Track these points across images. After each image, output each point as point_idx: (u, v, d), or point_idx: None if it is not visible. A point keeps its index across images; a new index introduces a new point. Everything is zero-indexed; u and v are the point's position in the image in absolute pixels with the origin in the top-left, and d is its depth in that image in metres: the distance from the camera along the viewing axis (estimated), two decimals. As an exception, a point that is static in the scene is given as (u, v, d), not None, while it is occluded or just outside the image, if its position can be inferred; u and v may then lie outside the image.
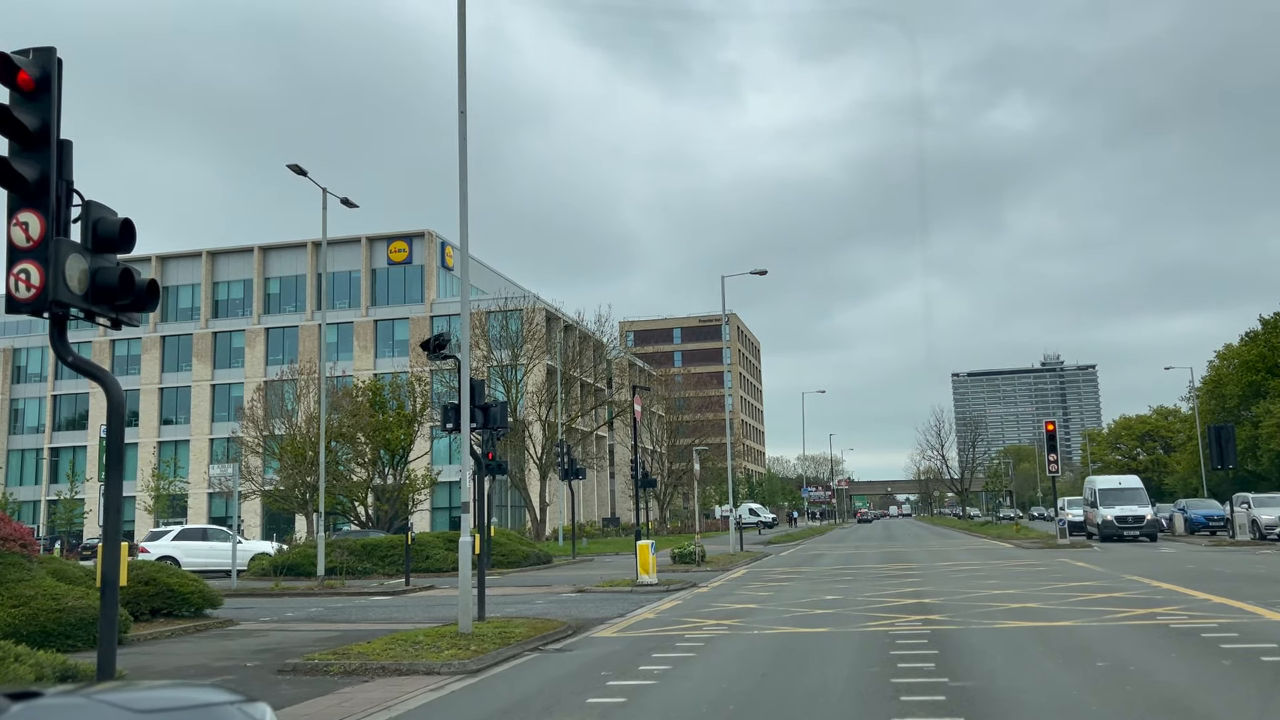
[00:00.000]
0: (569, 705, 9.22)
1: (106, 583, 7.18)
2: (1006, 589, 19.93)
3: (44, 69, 7.50)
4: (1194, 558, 29.60)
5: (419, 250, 76.79)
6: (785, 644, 12.94)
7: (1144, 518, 41.99)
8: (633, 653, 12.57)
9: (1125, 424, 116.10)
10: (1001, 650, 11.74)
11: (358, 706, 9.65)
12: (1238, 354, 76.60)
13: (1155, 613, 14.86)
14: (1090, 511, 44.95)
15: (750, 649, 12.65)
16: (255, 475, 52.73)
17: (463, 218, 14.39)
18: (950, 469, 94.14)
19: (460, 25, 14.86)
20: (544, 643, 13.69)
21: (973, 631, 13.41)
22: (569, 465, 40.75)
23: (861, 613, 16.22)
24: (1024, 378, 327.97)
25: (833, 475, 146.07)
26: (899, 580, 23.38)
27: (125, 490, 68.98)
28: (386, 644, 12.83)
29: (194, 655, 13.93)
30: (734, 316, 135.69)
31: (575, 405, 67.50)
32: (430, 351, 15.84)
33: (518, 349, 60.07)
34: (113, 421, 7.44)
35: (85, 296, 7.43)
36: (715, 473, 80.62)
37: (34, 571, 15.01)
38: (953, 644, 12.23)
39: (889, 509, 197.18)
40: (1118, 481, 45.63)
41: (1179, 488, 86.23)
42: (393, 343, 75.55)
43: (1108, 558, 30.32)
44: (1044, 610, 15.76)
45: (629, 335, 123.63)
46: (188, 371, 79.12)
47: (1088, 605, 16.30)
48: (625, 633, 14.82)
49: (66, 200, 7.56)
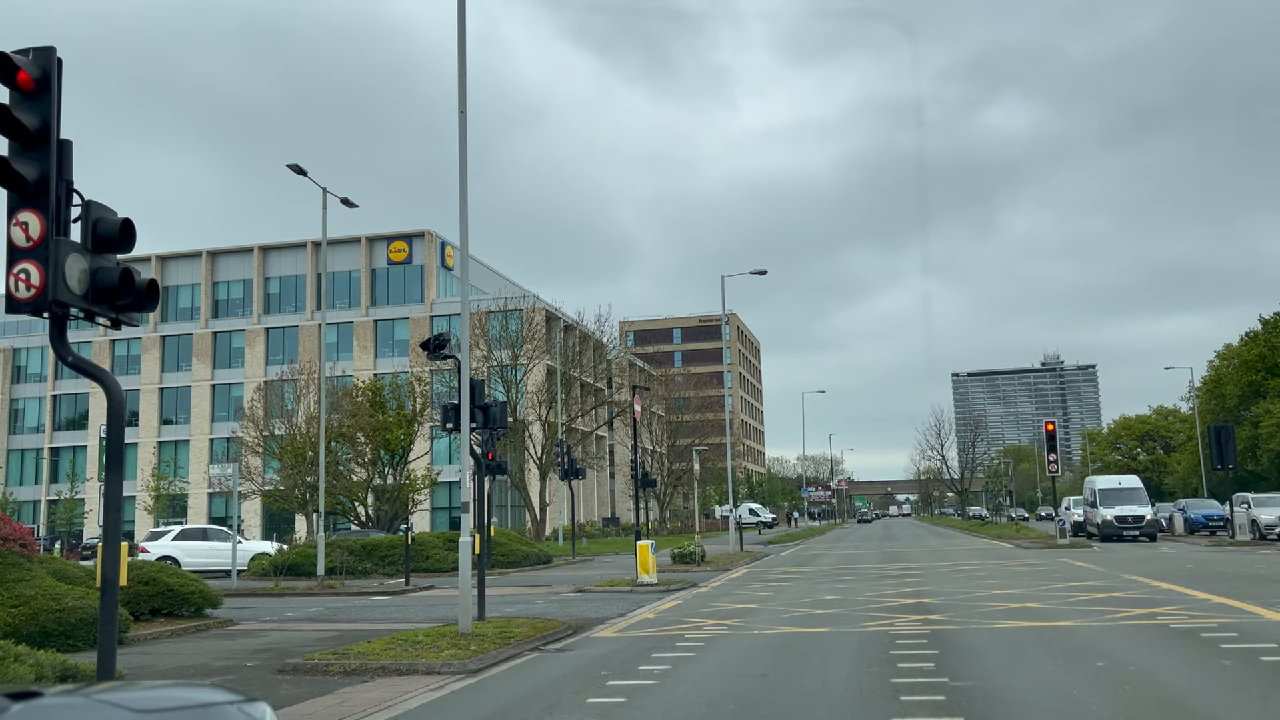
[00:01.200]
0: (569, 705, 9.22)
1: (106, 582, 7.18)
2: (1006, 589, 19.94)
3: (44, 69, 7.50)
4: (1193, 558, 29.62)
5: (419, 250, 76.78)
6: (785, 644, 12.94)
7: (1144, 518, 42.00)
8: (633, 653, 12.58)
9: (1125, 424, 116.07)
10: (1001, 650, 11.75)
11: (357, 706, 9.66)
12: (1238, 354, 76.58)
13: (1155, 612, 14.86)
14: (1090, 511, 44.96)
15: (750, 649, 12.65)
16: (255, 475, 52.83)
17: (463, 216, 14.39)
18: (950, 469, 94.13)
19: (460, 24, 14.86)
20: (544, 643, 13.69)
21: (972, 631, 13.42)
22: (569, 465, 40.74)
23: (861, 613, 16.23)
24: (1024, 378, 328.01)
25: (832, 475, 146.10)
26: (899, 580, 23.39)
27: (125, 490, 69.16)
28: (386, 644, 12.83)
29: (194, 655, 13.93)
30: (734, 316, 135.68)
31: (575, 405, 67.49)
32: (430, 351, 15.84)
33: (518, 349, 60.07)
34: (113, 421, 7.44)
35: (85, 296, 7.42)
36: (715, 473, 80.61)
37: (34, 571, 15.01)
38: (953, 644, 12.23)
39: (889, 509, 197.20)
40: (1117, 481, 45.62)
41: (1179, 488, 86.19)
42: (393, 343, 75.54)
43: (1107, 558, 30.33)
44: (1044, 610, 15.77)
45: (629, 335, 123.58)
46: (188, 371, 79.12)
47: (1087, 605, 16.31)
48: (625, 633, 14.82)
49: (66, 200, 7.56)
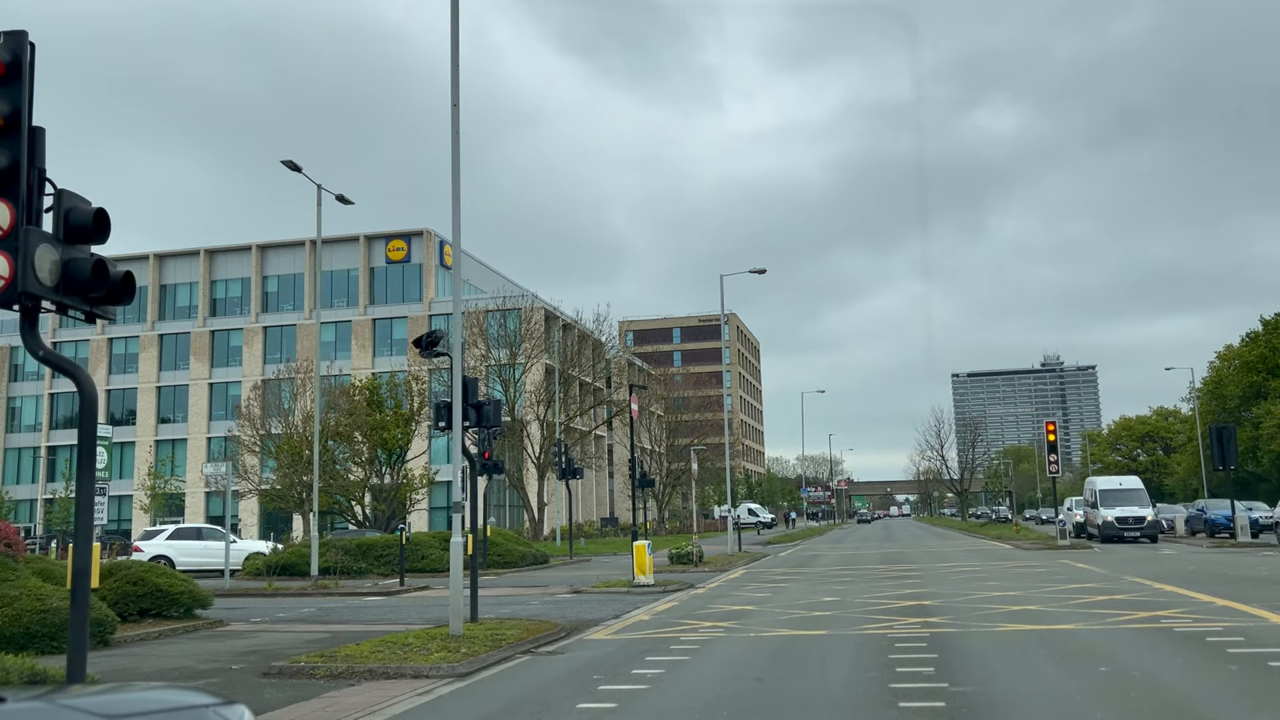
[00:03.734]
0: (558, 710, 8.98)
1: (76, 582, 6.94)
2: (1007, 591, 19.69)
3: (15, 53, 7.24)
4: (1195, 559, 29.37)
5: (417, 249, 76.55)
6: (782, 647, 12.70)
7: (1145, 519, 41.75)
8: (626, 656, 12.34)
9: (1125, 425, 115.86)
10: (1002, 654, 11.50)
11: (342, 710, 9.41)
12: (1238, 354, 76.39)
13: (1159, 615, 14.61)
14: (1090, 512, 44.71)
15: (746, 652, 12.41)
16: (252, 474, 52.58)
17: (455, 210, 14.15)
18: (950, 469, 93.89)
19: (454, 19, 14.61)
20: (536, 645, 13.45)
21: (973, 634, 13.18)
22: (566, 465, 40.50)
23: (860, 615, 15.99)
24: (1024, 378, 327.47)
25: (832, 476, 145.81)
26: (898, 582, 23.15)
27: (123, 489, 68.96)
28: (375, 646, 12.59)
29: (180, 657, 13.69)
30: (734, 316, 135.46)
31: (574, 404, 67.20)
32: (423, 349, 15.59)
33: (516, 348, 59.81)
34: (85, 417, 7.19)
35: (56, 288, 7.17)
36: (714, 473, 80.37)
37: (19, 571, 14.77)
38: (953, 647, 11.99)
39: (889, 509, 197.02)
40: (1118, 482, 45.36)
41: (1179, 489, 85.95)
42: (391, 341, 75.26)
43: (1109, 559, 30.09)
44: (1045, 613, 15.52)
45: (629, 335, 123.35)
46: (185, 370, 78.88)
47: (1089, 608, 16.07)
48: (619, 635, 14.58)
49: (38, 189, 7.31)
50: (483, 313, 61.71)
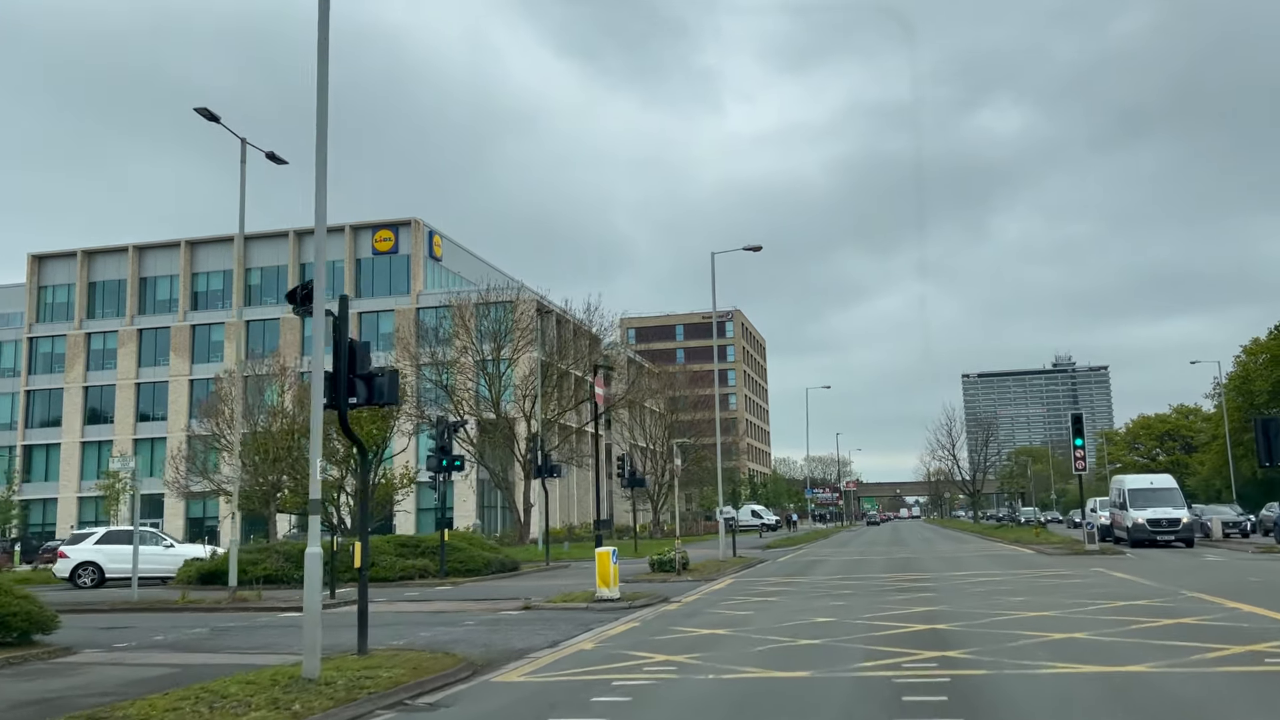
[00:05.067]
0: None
1: None
2: (1041, 610, 16.05)
3: None
4: (1252, 568, 25.66)
5: (405, 239, 73.38)
6: (744, 698, 9.19)
7: (1179, 521, 38.00)
8: (527, 712, 8.88)
9: (1144, 423, 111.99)
10: (1057, 716, 7.99)
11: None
12: (1266, 349, 72.78)
13: (1258, 652, 10.97)
14: (1118, 514, 40.95)
15: (694, 707, 8.93)
16: (213, 474, 49.29)
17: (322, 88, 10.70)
18: (961, 470, 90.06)
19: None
20: (416, 693, 9.95)
21: (1008, 679, 9.65)
22: (544, 462, 36.99)
23: (858, 644, 12.45)
24: (1035, 379, 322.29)
25: (840, 476, 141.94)
26: (907, 596, 19.58)
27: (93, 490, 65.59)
28: (179, 698, 9.12)
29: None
30: (738, 313, 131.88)
31: (569, 399, 63.60)
32: (297, 304, 12.17)
33: (502, 340, 56.35)
34: None
35: None
36: (713, 472, 76.74)
37: None
38: (985, 702, 8.49)
39: (899, 511, 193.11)
40: (1149, 481, 41.53)
41: (1200, 489, 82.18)
42: (378, 335, 71.87)
43: (1148, 567, 26.42)
44: (1098, 644, 11.93)
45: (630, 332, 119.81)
46: (165, 366, 75.78)
47: (1155, 636, 12.48)
48: (538, 675, 11.07)
49: None
50: (469, 303, 58.28)
